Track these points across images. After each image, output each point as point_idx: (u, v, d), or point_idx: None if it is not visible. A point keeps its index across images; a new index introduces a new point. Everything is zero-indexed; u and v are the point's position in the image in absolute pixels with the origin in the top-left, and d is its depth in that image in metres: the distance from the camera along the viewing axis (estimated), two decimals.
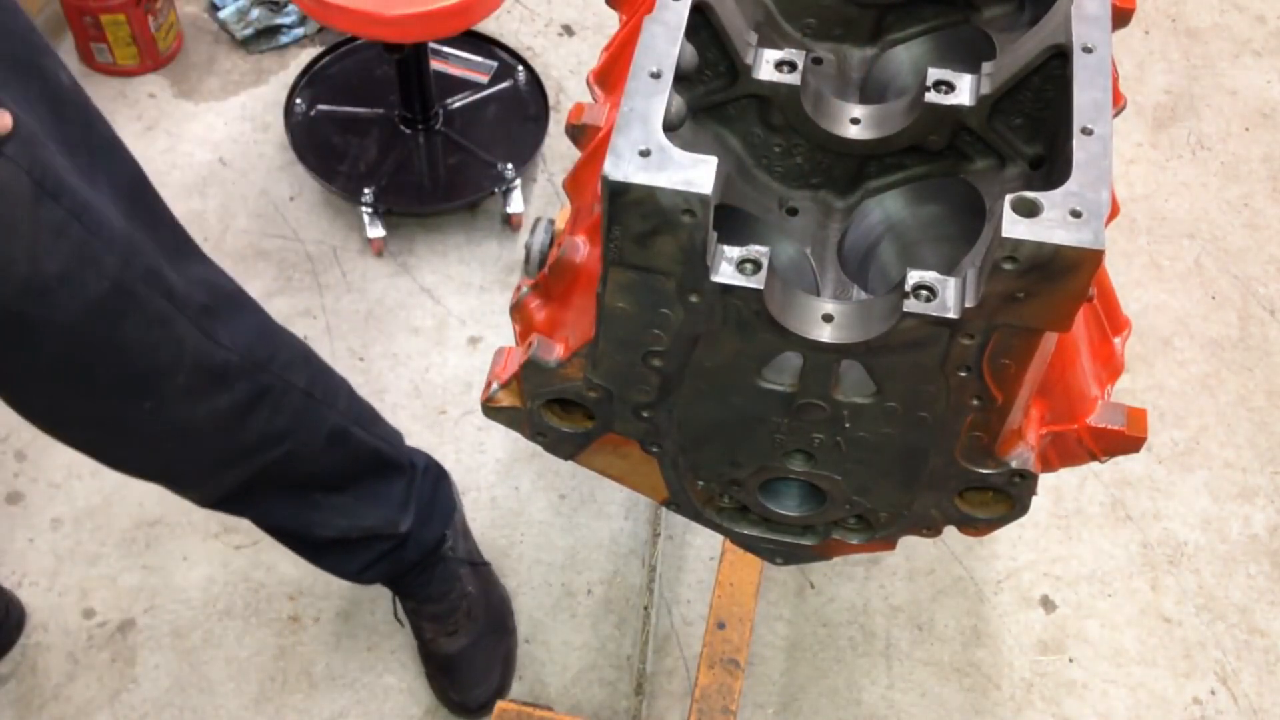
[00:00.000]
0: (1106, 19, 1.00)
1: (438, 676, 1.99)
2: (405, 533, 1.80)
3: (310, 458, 1.62)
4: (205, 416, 1.46)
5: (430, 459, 1.90)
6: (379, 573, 1.85)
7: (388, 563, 1.82)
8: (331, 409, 1.62)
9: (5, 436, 2.21)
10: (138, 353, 1.36)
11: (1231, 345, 2.46)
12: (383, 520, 1.76)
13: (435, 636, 1.97)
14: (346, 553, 1.79)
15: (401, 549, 1.82)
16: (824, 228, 1.20)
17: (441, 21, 2.16)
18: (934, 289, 0.92)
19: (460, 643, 1.96)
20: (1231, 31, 3.00)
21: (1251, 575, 2.19)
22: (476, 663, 1.97)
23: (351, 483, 1.71)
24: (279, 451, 1.56)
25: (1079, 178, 0.88)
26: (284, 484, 1.63)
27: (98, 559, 2.10)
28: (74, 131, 1.31)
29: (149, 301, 1.35)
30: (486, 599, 2.01)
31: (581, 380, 1.10)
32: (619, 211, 0.90)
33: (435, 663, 1.98)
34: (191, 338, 1.41)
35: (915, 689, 2.04)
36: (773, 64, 1.10)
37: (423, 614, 1.97)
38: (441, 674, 1.98)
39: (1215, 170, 2.74)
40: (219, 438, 1.50)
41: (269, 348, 1.52)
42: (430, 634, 1.97)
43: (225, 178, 2.58)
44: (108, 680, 2.00)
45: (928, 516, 1.18)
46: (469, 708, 1.96)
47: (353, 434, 1.67)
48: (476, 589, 1.99)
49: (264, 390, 1.51)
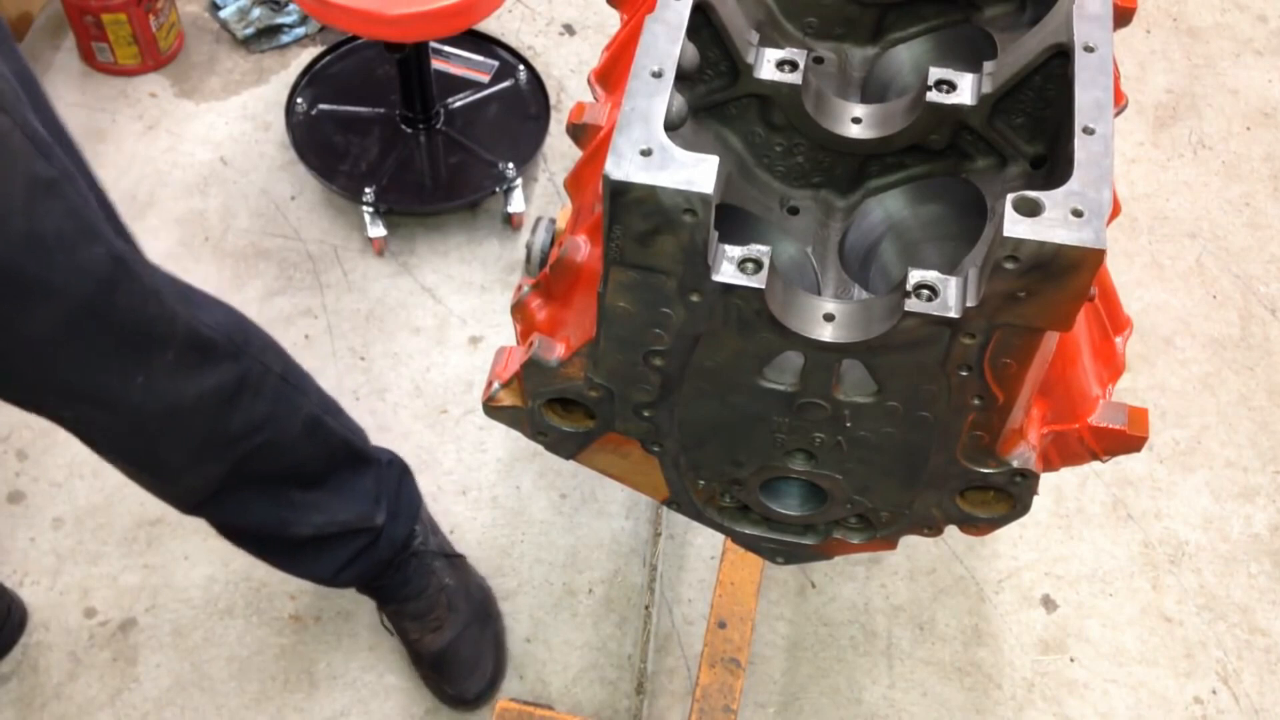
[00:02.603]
0: (1108, 18, 1.00)
1: (431, 675, 1.99)
2: (379, 526, 1.80)
3: (288, 447, 1.62)
4: (193, 396, 1.46)
5: (394, 454, 1.90)
6: (355, 573, 1.84)
7: (363, 561, 1.82)
8: (305, 397, 1.63)
9: (6, 436, 2.21)
10: (131, 323, 1.36)
11: (1233, 344, 2.46)
12: (357, 515, 1.77)
13: (421, 635, 1.96)
14: (322, 552, 1.78)
15: (375, 546, 1.81)
16: (825, 227, 1.20)
17: (442, 21, 2.16)
18: (935, 288, 0.92)
19: (446, 636, 1.96)
20: (1233, 31, 3.00)
21: (1253, 575, 2.19)
22: (465, 654, 1.97)
23: (326, 476, 1.71)
24: (259, 440, 1.56)
25: (1080, 177, 0.88)
26: (262, 479, 1.63)
27: (99, 558, 2.10)
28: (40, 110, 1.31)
29: (142, 272, 1.36)
30: (465, 589, 2.00)
31: (582, 380, 1.10)
32: (620, 211, 0.90)
33: (426, 662, 1.98)
34: (183, 313, 1.42)
35: (916, 688, 2.04)
36: (774, 63, 1.10)
37: (405, 615, 1.96)
38: (434, 672, 1.98)
39: (1216, 169, 2.74)
40: (205, 421, 1.50)
41: (243, 333, 1.53)
42: (415, 634, 1.97)
43: (226, 177, 2.58)
44: (109, 679, 2.00)
45: (929, 516, 1.18)
46: (466, 699, 1.96)
47: (325, 423, 1.68)
48: (454, 581, 1.99)
49: (245, 373, 1.51)
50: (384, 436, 2.23)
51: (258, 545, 1.77)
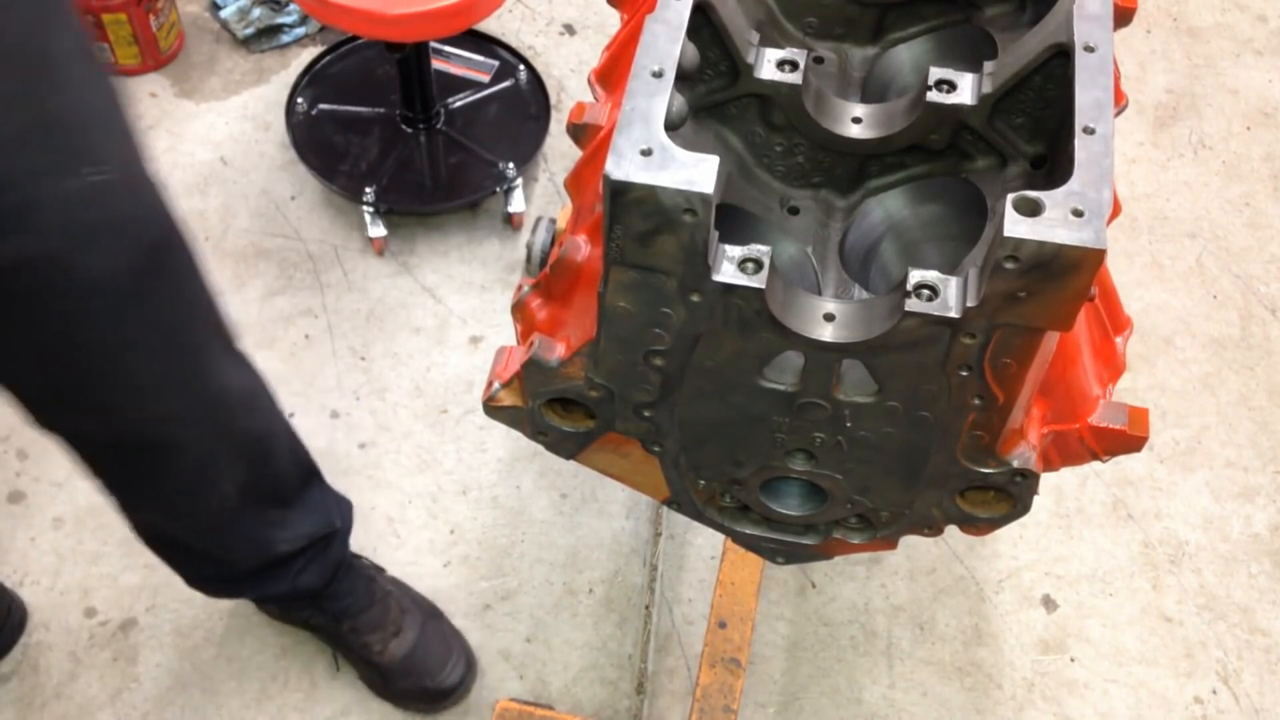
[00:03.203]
0: (1108, 18, 1.00)
1: (405, 680, 1.93)
2: (337, 529, 1.80)
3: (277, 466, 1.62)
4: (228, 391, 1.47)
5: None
6: (314, 575, 1.80)
7: (321, 562, 1.79)
8: (278, 410, 1.63)
9: (7, 436, 2.21)
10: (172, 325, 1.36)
11: (1233, 344, 2.46)
12: (322, 525, 1.76)
13: (384, 644, 1.92)
14: (290, 566, 1.76)
15: (330, 547, 1.80)
16: (825, 227, 1.20)
17: (443, 21, 2.16)
18: (935, 288, 0.92)
19: (410, 636, 1.93)
20: (1233, 31, 3.00)
21: (1253, 575, 2.19)
22: (435, 646, 1.94)
23: (300, 491, 1.71)
24: (258, 453, 1.56)
25: (1080, 177, 0.88)
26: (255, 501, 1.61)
27: (99, 558, 2.10)
28: None
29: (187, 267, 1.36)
30: (408, 594, 1.99)
31: (583, 379, 1.10)
32: (620, 211, 0.90)
33: (398, 669, 1.93)
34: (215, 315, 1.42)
35: (916, 688, 2.04)
36: (774, 63, 1.10)
37: (363, 629, 1.91)
38: (407, 674, 1.93)
39: (1217, 169, 2.74)
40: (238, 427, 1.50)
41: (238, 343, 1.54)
42: (379, 644, 1.92)
43: (226, 177, 2.58)
44: (109, 679, 2.00)
45: (929, 516, 1.18)
46: (450, 688, 1.93)
47: (295, 435, 1.68)
48: (395, 588, 1.97)
49: (255, 380, 1.52)
50: (384, 436, 2.23)
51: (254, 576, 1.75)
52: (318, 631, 1.96)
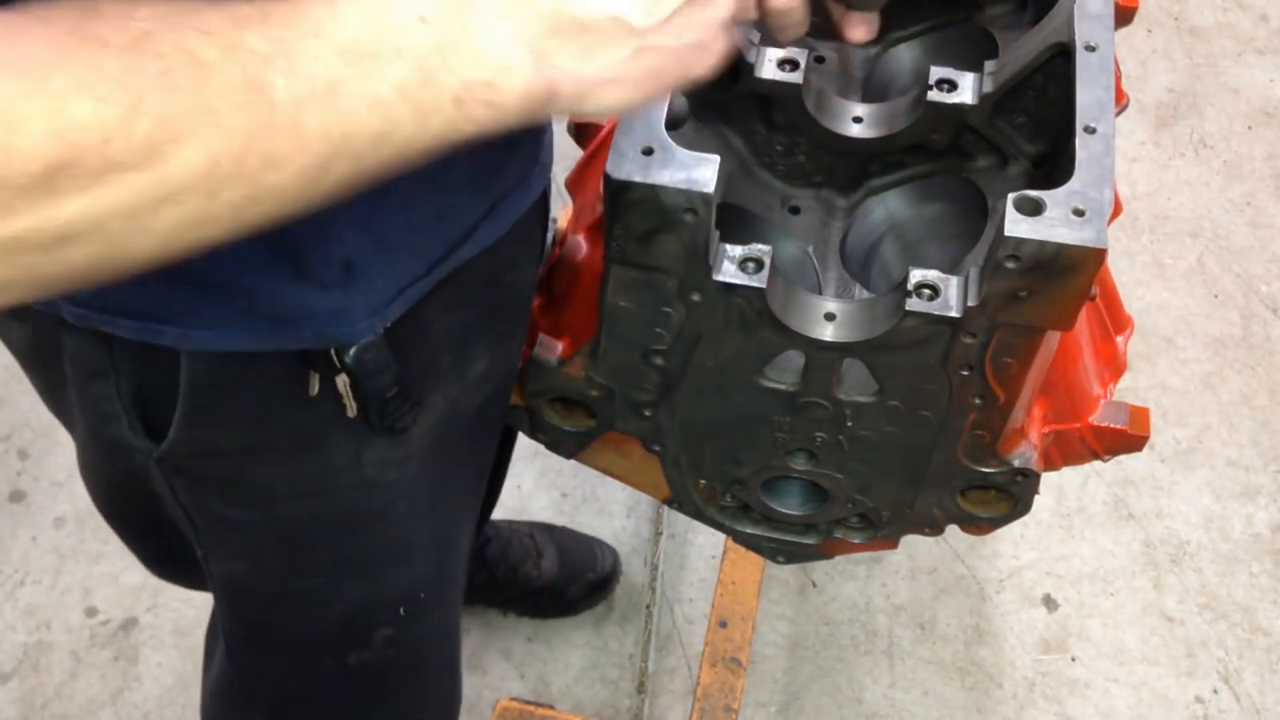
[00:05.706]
0: (1109, 17, 1.00)
1: (571, 586, 2.01)
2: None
3: None
4: None
5: None
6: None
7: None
8: None
9: (8, 435, 2.21)
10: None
11: (1234, 344, 2.46)
12: None
13: (539, 567, 1.98)
14: None
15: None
16: (826, 226, 1.20)
17: None
18: (936, 288, 0.92)
19: (550, 550, 2.00)
20: (1234, 30, 3.00)
21: (1254, 574, 2.18)
22: (573, 545, 2.02)
23: None
24: None
25: (1081, 176, 0.88)
26: None
27: (100, 557, 2.10)
28: None
29: None
30: (511, 523, 2.05)
31: (583, 379, 1.10)
32: (621, 210, 0.90)
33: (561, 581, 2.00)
34: None
35: (917, 688, 2.04)
36: (775, 62, 1.10)
37: (515, 563, 1.97)
38: (571, 580, 2.00)
39: (1218, 169, 2.73)
40: None
41: None
42: (534, 569, 1.98)
43: None
44: (110, 679, 2.00)
45: (930, 515, 1.18)
46: (610, 571, 2.02)
47: None
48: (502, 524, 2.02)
49: None
50: None
51: None
52: (477, 592, 1.99)
